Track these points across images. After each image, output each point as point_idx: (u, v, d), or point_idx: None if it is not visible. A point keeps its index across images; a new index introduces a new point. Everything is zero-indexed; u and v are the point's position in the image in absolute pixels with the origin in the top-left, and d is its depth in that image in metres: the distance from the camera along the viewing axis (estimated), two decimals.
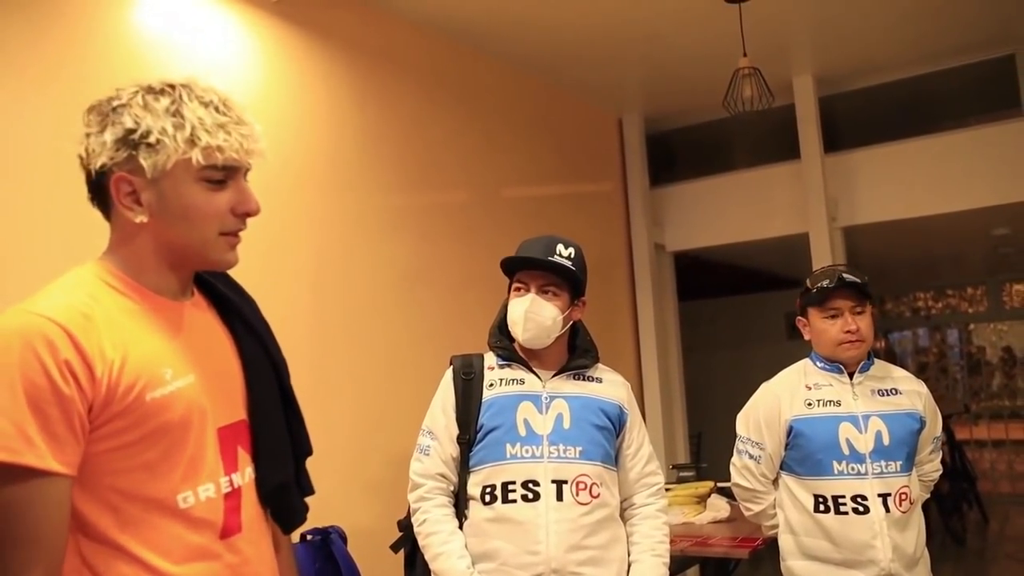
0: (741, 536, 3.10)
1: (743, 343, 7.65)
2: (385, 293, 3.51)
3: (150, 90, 1.10)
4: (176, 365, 1.10)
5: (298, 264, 3.14)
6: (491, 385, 1.99)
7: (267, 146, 1.18)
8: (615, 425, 2.03)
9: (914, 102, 4.93)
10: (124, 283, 1.12)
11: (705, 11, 3.89)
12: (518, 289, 1.98)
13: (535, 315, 1.94)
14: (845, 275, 2.17)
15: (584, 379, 2.04)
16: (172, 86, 1.11)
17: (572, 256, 2.02)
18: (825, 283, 2.18)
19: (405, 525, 2.08)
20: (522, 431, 1.91)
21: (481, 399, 1.97)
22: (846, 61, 4.73)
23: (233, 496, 1.15)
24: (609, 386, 2.07)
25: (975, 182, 4.56)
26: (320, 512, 2.81)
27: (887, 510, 2.08)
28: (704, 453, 6.86)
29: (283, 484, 1.26)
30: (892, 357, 10.38)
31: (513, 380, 1.99)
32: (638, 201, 5.29)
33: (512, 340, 2.06)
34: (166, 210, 1.10)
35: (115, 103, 1.10)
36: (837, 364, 2.22)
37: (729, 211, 5.21)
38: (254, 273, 1.37)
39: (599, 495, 1.92)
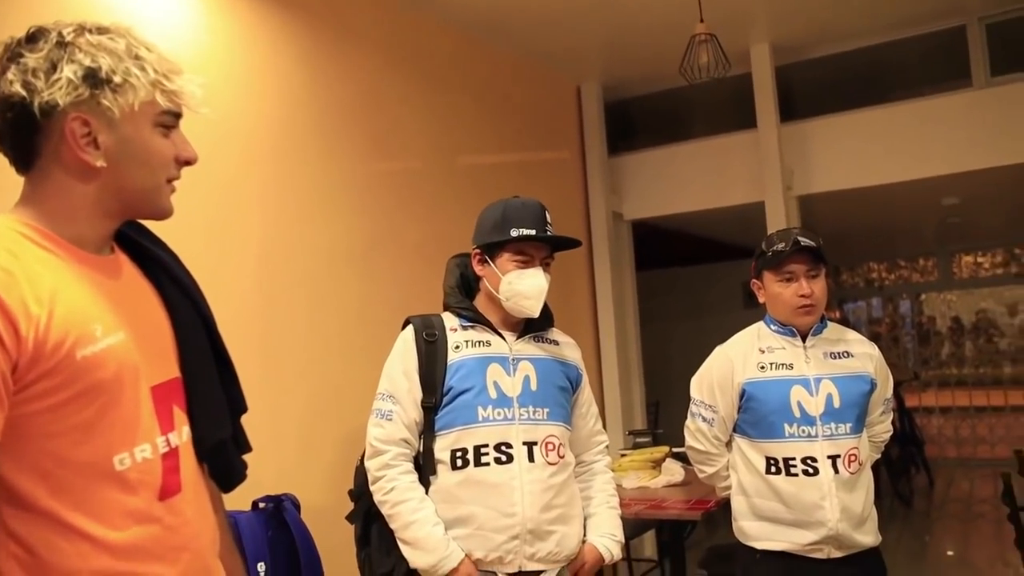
0: (695, 499, 3.15)
1: (700, 312, 7.73)
2: (338, 264, 3.45)
3: (98, 30, 1.06)
4: (105, 321, 1.05)
5: (246, 235, 3.06)
6: (457, 347, 1.96)
7: (211, 109, 1.16)
8: (573, 386, 2.06)
9: (869, 72, 4.96)
10: (44, 236, 1.05)
11: None
12: (520, 261, 1.94)
13: (545, 289, 1.95)
14: (801, 239, 2.17)
15: (544, 342, 2.06)
16: (117, 28, 1.08)
17: (551, 220, 2.02)
18: (780, 246, 2.18)
19: (358, 495, 2.05)
20: (493, 393, 1.91)
21: (447, 361, 1.94)
22: (803, 30, 4.74)
23: (171, 456, 1.11)
24: (567, 348, 2.11)
25: (927, 152, 4.62)
26: (274, 482, 2.81)
27: (836, 471, 2.11)
28: (662, 421, 6.94)
29: (221, 441, 1.24)
30: (846, 326, 10.59)
31: (480, 342, 1.97)
32: (596, 169, 5.27)
33: (471, 298, 2.04)
34: (126, 155, 1.07)
35: (56, 40, 1.03)
36: (791, 327, 2.23)
37: (687, 180, 5.22)
38: (199, 245, 1.32)
39: (564, 455, 1.96)
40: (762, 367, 2.21)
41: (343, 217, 3.49)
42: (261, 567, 2.53)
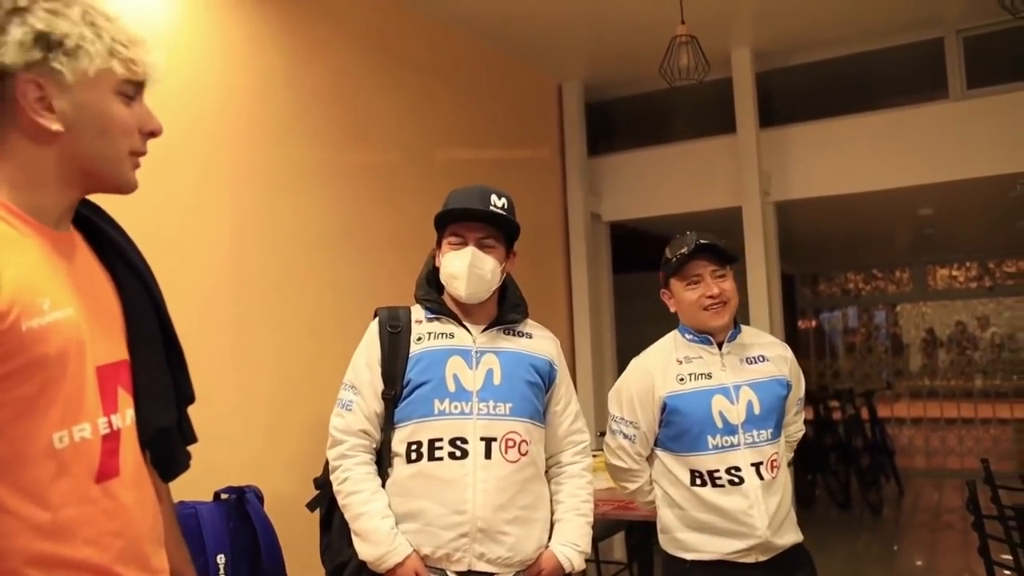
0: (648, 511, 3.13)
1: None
2: (310, 253, 3.41)
3: None
4: (54, 295, 1.01)
5: (217, 221, 3.01)
6: (419, 339, 1.92)
7: (179, 85, 1.13)
8: (545, 381, 1.99)
9: (848, 80, 4.99)
10: (2, 206, 1.02)
11: None
12: (455, 243, 1.90)
13: (477, 269, 1.88)
14: (701, 240, 2.12)
15: (515, 334, 2.00)
16: None
17: (506, 207, 1.97)
18: (683, 251, 2.13)
19: (322, 483, 2.01)
20: (451, 387, 1.86)
21: (408, 353, 1.90)
22: (784, 36, 4.77)
23: (111, 438, 1.08)
24: (539, 341, 2.03)
25: (903, 162, 4.65)
26: (239, 473, 2.76)
27: (761, 478, 2.07)
28: None
29: (164, 428, 1.20)
30: (822, 336, 10.66)
31: (442, 334, 1.93)
32: (575, 169, 5.26)
33: (441, 293, 2.01)
34: (83, 121, 1.05)
35: (11, 5, 1.01)
36: (706, 335, 2.17)
37: (666, 183, 5.23)
38: (170, 231, 1.29)
39: (527, 452, 1.88)
40: (681, 379, 2.14)
41: (316, 205, 3.45)
42: (221, 559, 2.48)
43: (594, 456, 3.76)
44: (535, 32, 4.54)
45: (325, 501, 1.96)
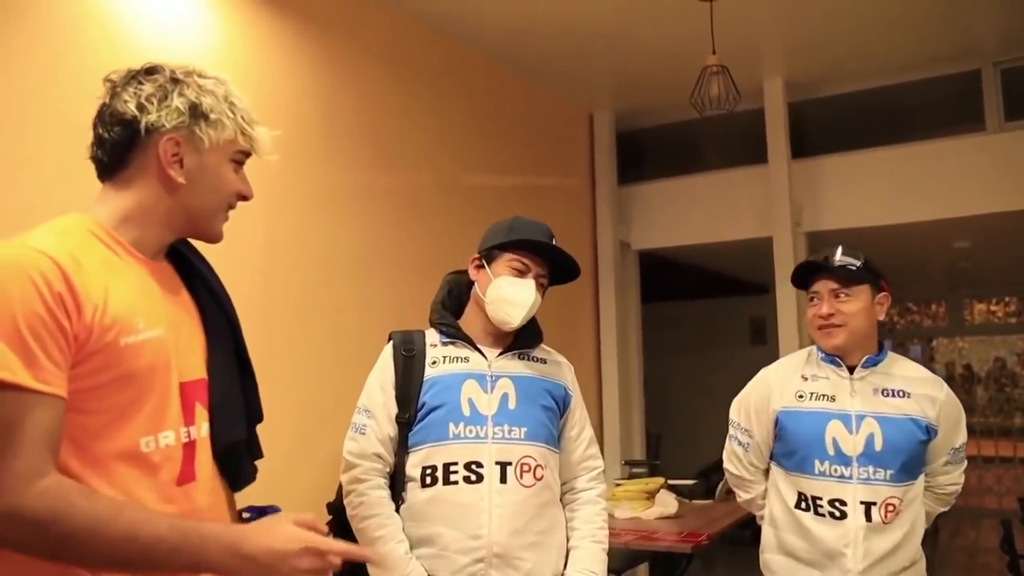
0: (687, 531, 3.09)
1: (706, 347, 7.67)
2: (336, 276, 3.44)
3: (202, 75, 1.26)
4: (148, 317, 1.17)
5: (247, 242, 3.06)
6: (434, 363, 1.91)
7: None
8: (560, 406, 1.98)
9: (882, 112, 4.96)
10: (110, 237, 1.20)
11: (678, 8, 3.87)
12: (517, 269, 1.90)
13: (535, 304, 1.90)
14: (831, 257, 2.02)
15: (529, 359, 1.99)
16: (218, 77, 1.28)
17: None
18: (807, 263, 2.05)
19: (336, 508, 2.01)
20: (466, 411, 1.85)
21: (423, 377, 1.89)
22: (816, 67, 4.76)
23: (190, 447, 1.22)
24: (554, 367, 2.03)
25: (938, 194, 4.60)
26: (262, 493, 2.76)
27: (868, 519, 1.94)
28: (662, 454, 6.87)
29: (234, 443, 1.32)
30: None
31: (457, 358, 1.93)
32: (605, 198, 5.27)
33: (456, 316, 2.02)
34: (203, 177, 1.24)
35: (170, 76, 1.23)
36: (834, 357, 2.05)
37: (696, 212, 5.22)
38: (205, 251, 1.37)
39: (543, 477, 1.87)
40: (800, 396, 2.04)
41: (344, 228, 3.49)
42: None
43: (617, 485, 3.76)
44: (567, 63, 4.58)
45: (338, 526, 1.95)
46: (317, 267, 3.34)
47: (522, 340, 1.99)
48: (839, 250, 2.04)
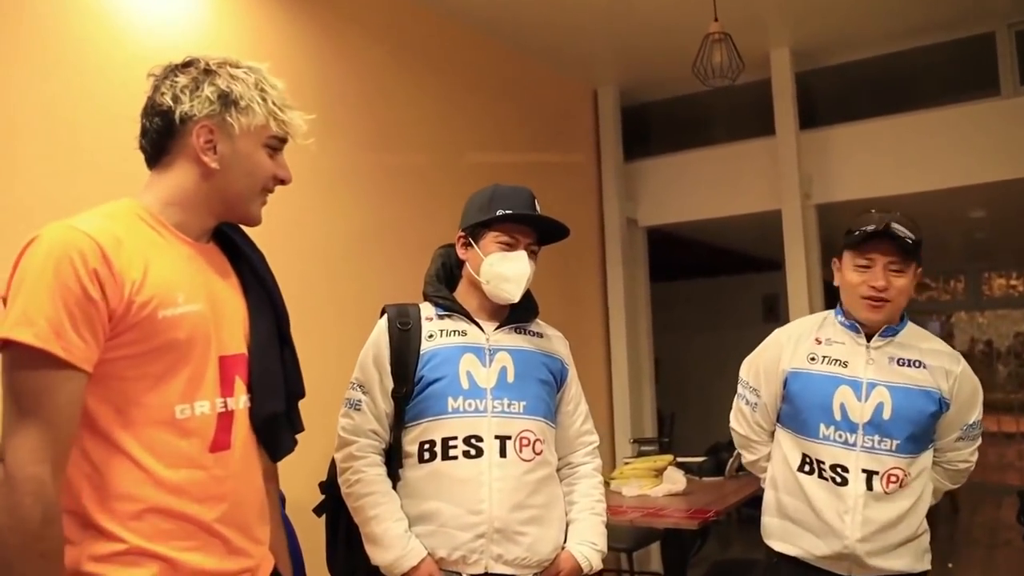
0: (694, 508, 3.04)
1: (719, 326, 7.58)
2: (336, 256, 3.40)
3: (236, 65, 1.33)
4: (189, 292, 1.25)
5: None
6: (431, 336, 1.87)
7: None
8: (557, 381, 1.95)
9: (892, 80, 4.84)
10: (156, 220, 1.29)
11: None
12: (505, 243, 1.86)
13: (530, 276, 1.86)
14: (894, 225, 1.88)
15: (526, 333, 1.95)
16: (251, 66, 1.35)
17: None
18: (869, 227, 1.89)
19: (328, 487, 1.97)
20: (465, 384, 1.81)
21: (420, 350, 1.85)
22: (824, 35, 4.64)
23: (226, 417, 1.29)
24: (550, 341, 1.99)
25: (952, 162, 4.48)
26: None
27: (870, 488, 1.90)
28: (675, 433, 6.81)
29: (273, 415, 1.39)
30: None
31: (455, 331, 1.89)
32: (611, 174, 5.19)
33: (451, 289, 1.97)
34: (236, 162, 1.31)
35: (203, 67, 1.30)
36: (855, 323, 1.98)
37: (703, 187, 5.12)
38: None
39: (541, 452, 1.84)
40: (812, 358, 1.99)
41: (343, 208, 3.44)
42: None
43: (626, 464, 3.71)
44: (569, 38, 4.49)
45: (331, 506, 1.91)
46: (315, 247, 3.30)
47: (519, 313, 1.95)
48: (897, 218, 1.91)
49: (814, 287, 4.75)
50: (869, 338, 1.97)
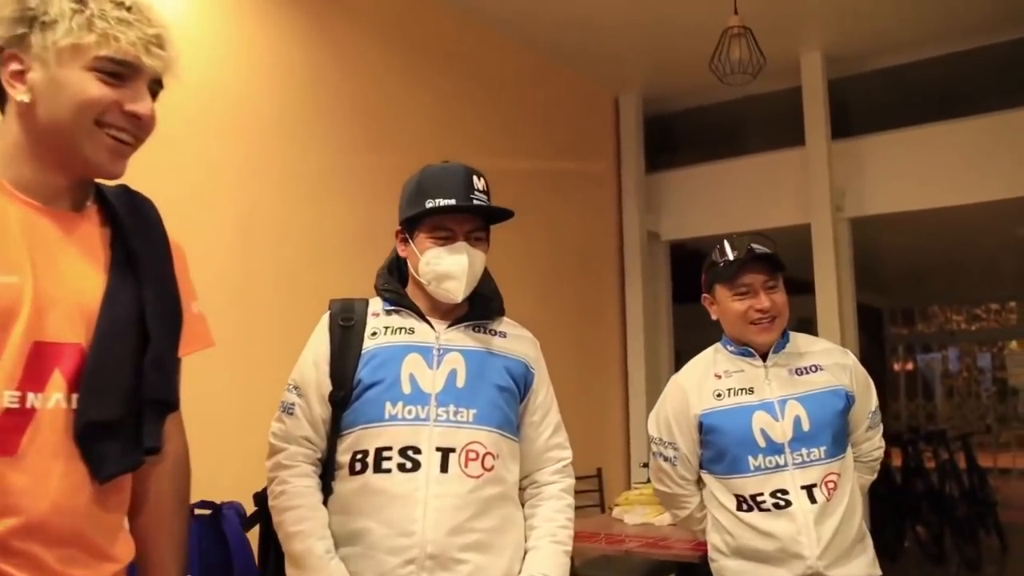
0: (699, 539, 2.76)
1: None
2: (327, 258, 3.23)
3: None
4: (3, 263, 1.04)
5: (225, 218, 2.88)
6: (374, 333, 1.66)
7: (184, 66, 1.15)
8: (520, 387, 1.70)
9: (933, 85, 4.55)
10: None
11: None
12: (440, 237, 1.64)
13: (475, 268, 1.64)
14: (755, 246, 1.94)
15: (486, 332, 1.72)
16: None
17: (487, 188, 1.72)
18: (733, 255, 1.95)
19: (261, 498, 1.75)
20: (406, 388, 1.58)
21: (361, 349, 1.64)
22: (858, 39, 4.38)
23: (19, 415, 1.04)
24: (515, 341, 1.74)
25: (995, 172, 4.18)
26: (229, 487, 2.54)
27: (813, 501, 1.88)
28: None
29: (97, 423, 1.12)
30: (914, 375, 9.88)
31: (401, 329, 1.66)
32: (631, 185, 4.96)
33: (403, 284, 1.76)
34: (52, 92, 1.07)
35: None
36: (746, 347, 2.00)
37: (729, 199, 4.86)
38: (172, 221, 1.21)
39: (492, 468, 1.59)
40: (719, 395, 1.99)
41: (334, 207, 3.28)
42: None
43: (632, 489, 3.43)
44: (590, 42, 4.31)
45: (263, 518, 1.69)
46: (303, 247, 3.14)
47: (478, 310, 1.72)
48: (752, 239, 1.98)
49: (846, 309, 4.45)
50: (764, 358, 1.99)
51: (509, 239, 4.09)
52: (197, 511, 2.40)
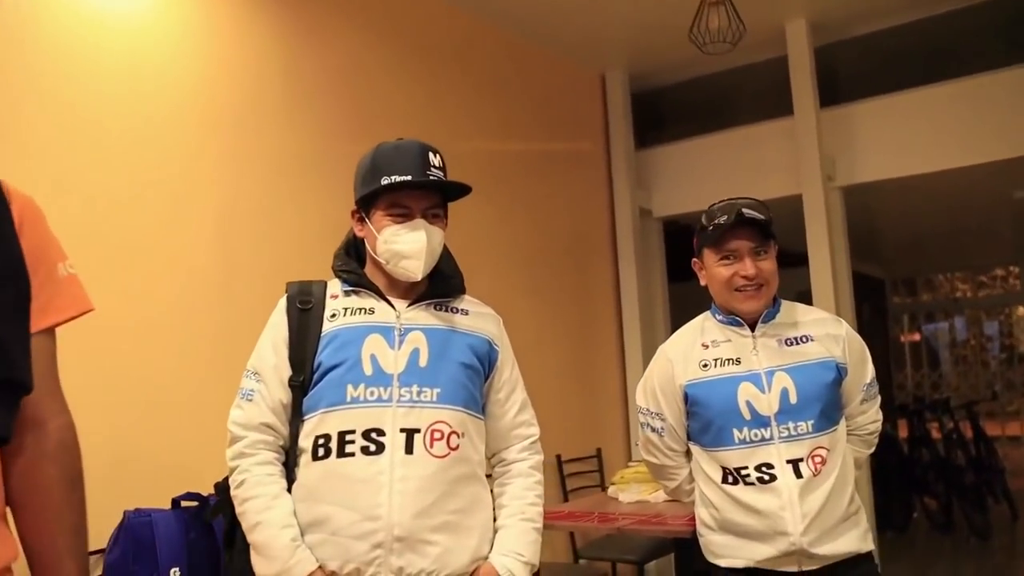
0: (692, 515, 2.73)
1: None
2: (308, 250, 3.18)
3: None
4: None
5: (203, 211, 2.84)
6: (333, 315, 1.65)
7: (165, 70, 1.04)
8: (484, 364, 1.69)
9: (921, 49, 4.47)
10: None
11: None
12: (397, 215, 1.63)
13: (433, 246, 1.62)
14: (745, 211, 1.89)
15: (447, 310, 1.70)
16: None
17: (443, 164, 1.70)
18: (722, 219, 1.91)
19: (223, 488, 1.74)
20: (368, 369, 1.58)
21: (320, 332, 1.63)
22: (842, 4, 4.30)
23: None
24: (477, 318, 1.73)
25: (989, 134, 4.10)
26: (213, 479, 2.51)
27: (799, 475, 1.85)
28: None
29: None
30: (917, 344, 9.79)
31: (361, 309, 1.65)
32: (622, 163, 4.91)
33: (361, 264, 1.73)
34: None
35: None
36: (735, 316, 1.97)
37: (720, 172, 4.80)
38: (150, 215, 1.17)
39: (458, 447, 1.58)
40: (705, 365, 1.96)
41: (316, 197, 3.23)
42: (175, 572, 2.25)
43: (628, 467, 3.41)
44: (574, 20, 4.25)
45: (227, 510, 1.67)
46: (284, 239, 3.10)
47: (439, 287, 1.70)
48: (745, 203, 1.93)
49: (841, 279, 4.40)
50: (752, 328, 1.95)
51: (501, 222, 4.09)
52: (184, 503, 2.40)
